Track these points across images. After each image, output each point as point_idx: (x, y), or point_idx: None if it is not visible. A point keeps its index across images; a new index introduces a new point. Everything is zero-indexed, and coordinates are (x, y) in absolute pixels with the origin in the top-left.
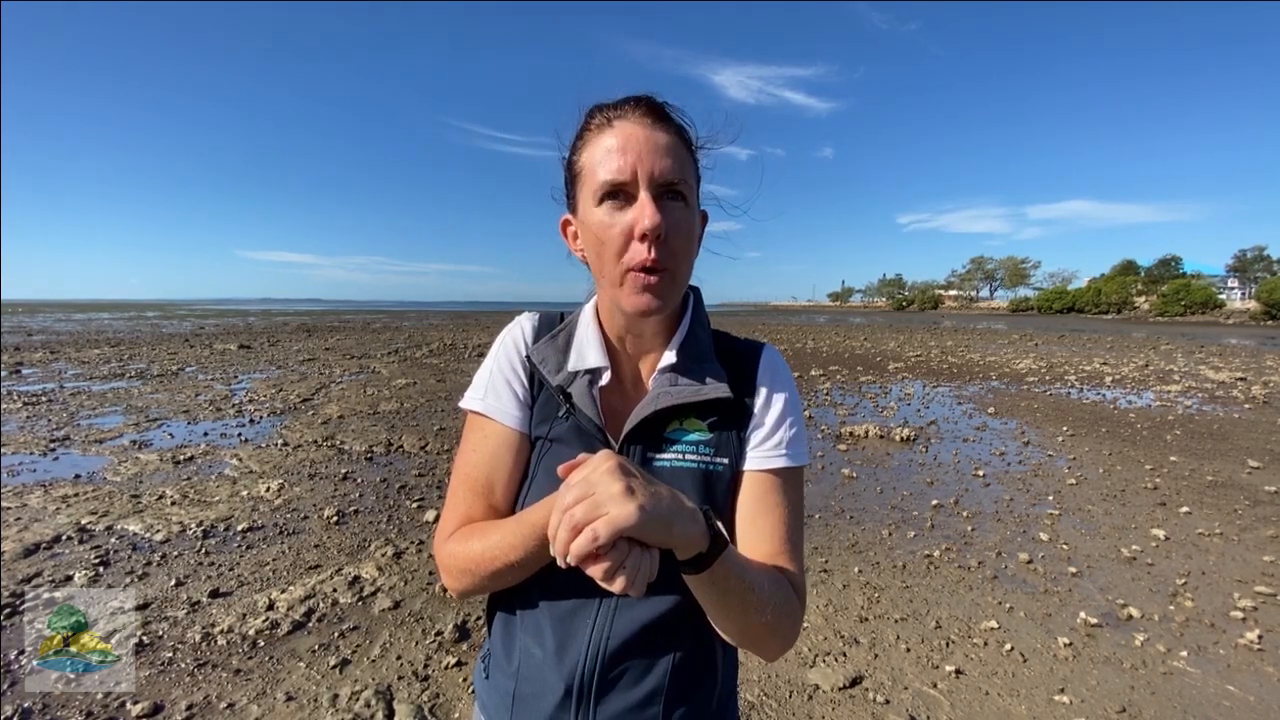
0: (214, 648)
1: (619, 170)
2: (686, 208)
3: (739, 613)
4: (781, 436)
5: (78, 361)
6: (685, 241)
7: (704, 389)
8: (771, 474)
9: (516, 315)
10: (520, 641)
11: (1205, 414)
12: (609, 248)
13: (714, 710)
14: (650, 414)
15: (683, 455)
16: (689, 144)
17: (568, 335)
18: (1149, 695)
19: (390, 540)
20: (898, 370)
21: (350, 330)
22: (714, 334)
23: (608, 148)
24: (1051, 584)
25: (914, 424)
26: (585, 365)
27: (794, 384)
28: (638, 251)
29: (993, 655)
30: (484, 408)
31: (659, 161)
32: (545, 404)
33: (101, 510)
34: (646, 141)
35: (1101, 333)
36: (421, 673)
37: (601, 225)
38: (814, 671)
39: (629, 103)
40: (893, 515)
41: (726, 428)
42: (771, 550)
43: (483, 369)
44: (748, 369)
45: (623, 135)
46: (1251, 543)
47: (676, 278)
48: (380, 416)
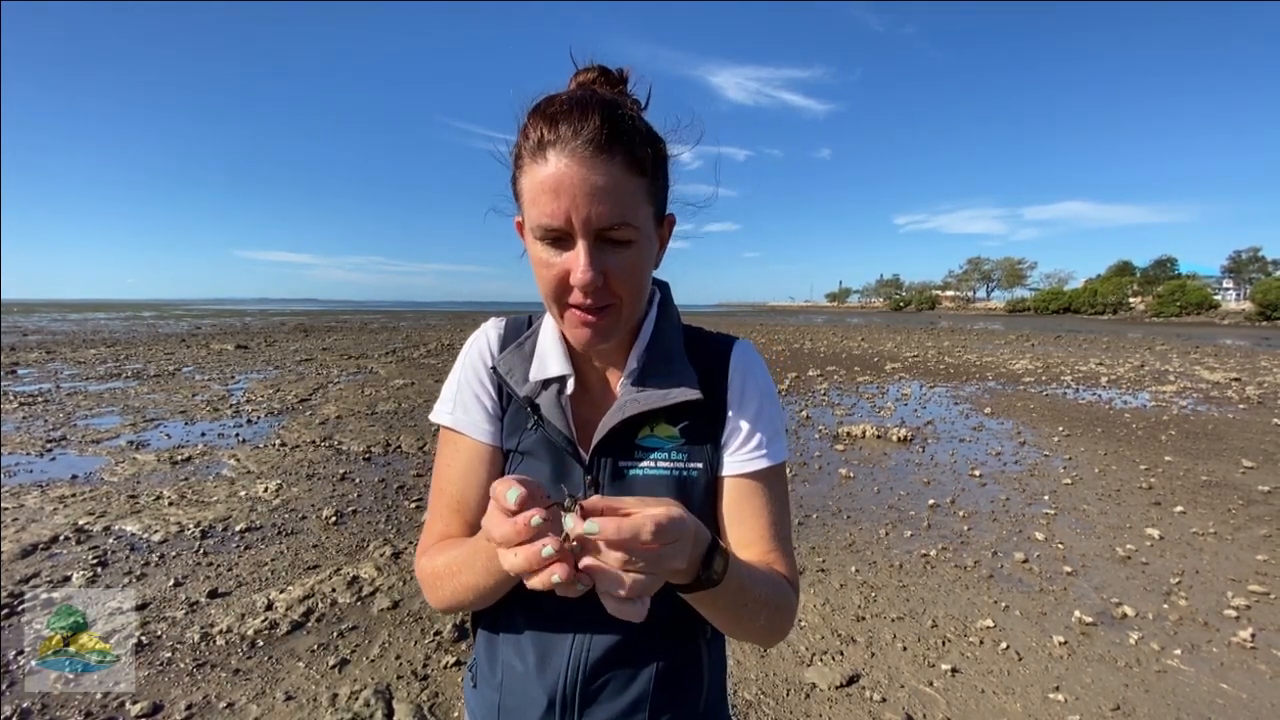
0: (213, 648)
1: (553, 215)
2: (631, 248)
3: (735, 619)
4: (759, 438)
5: (74, 362)
6: (631, 277)
7: (672, 393)
8: (752, 477)
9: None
10: (502, 654)
11: (1200, 414)
12: (548, 285)
13: (701, 713)
14: (618, 423)
15: (655, 463)
16: (642, 164)
17: (533, 343)
18: (1143, 693)
19: (389, 540)
20: (895, 370)
21: (348, 330)
22: (685, 330)
23: (541, 184)
24: (1047, 583)
25: (911, 424)
26: (547, 374)
27: (769, 378)
28: (574, 295)
29: (988, 654)
30: (453, 422)
31: (596, 207)
32: (516, 414)
33: (99, 511)
34: (583, 184)
35: (1097, 333)
36: (420, 672)
37: (540, 262)
38: (811, 670)
39: (568, 121)
40: (890, 515)
41: (699, 431)
42: (762, 550)
43: (450, 380)
44: (719, 368)
45: (557, 174)
46: (1245, 542)
47: (622, 311)
48: (378, 417)
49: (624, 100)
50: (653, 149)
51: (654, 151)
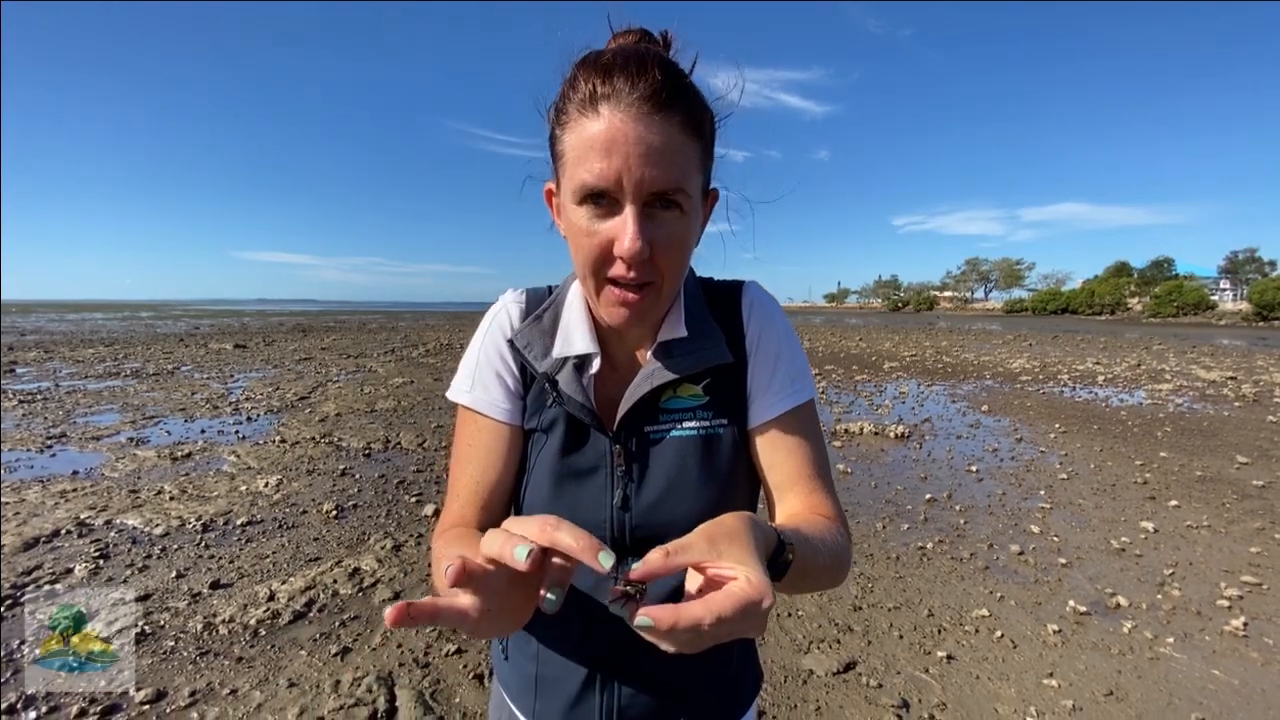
0: (216, 637)
1: (601, 175)
2: (682, 216)
3: (796, 591)
4: (784, 378)
5: (72, 361)
6: (677, 253)
7: (704, 356)
8: (782, 418)
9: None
10: (538, 629)
11: (1196, 412)
12: (586, 256)
13: (733, 672)
14: (646, 392)
15: (680, 424)
16: (700, 127)
17: (554, 316)
18: (1135, 679)
19: (389, 534)
20: (893, 369)
21: (346, 330)
22: (699, 283)
23: (590, 141)
24: (1042, 574)
25: (908, 421)
26: (573, 351)
27: (784, 316)
28: (617, 267)
29: (984, 642)
30: (471, 401)
31: (650, 169)
32: (539, 393)
33: (100, 505)
34: (638, 142)
35: (1095, 333)
36: (422, 660)
37: (580, 230)
38: (808, 657)
39: (625, 73)
40: (886, 509)
41: (723, 385)
42: (804, 491)
43: (468, 356)
44: (733, 317)
45: (609, 130)
46: (1239, 535)
47: (663, 291)
48: (378, 414)
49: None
50: (709, 114)
51: (710, 117)
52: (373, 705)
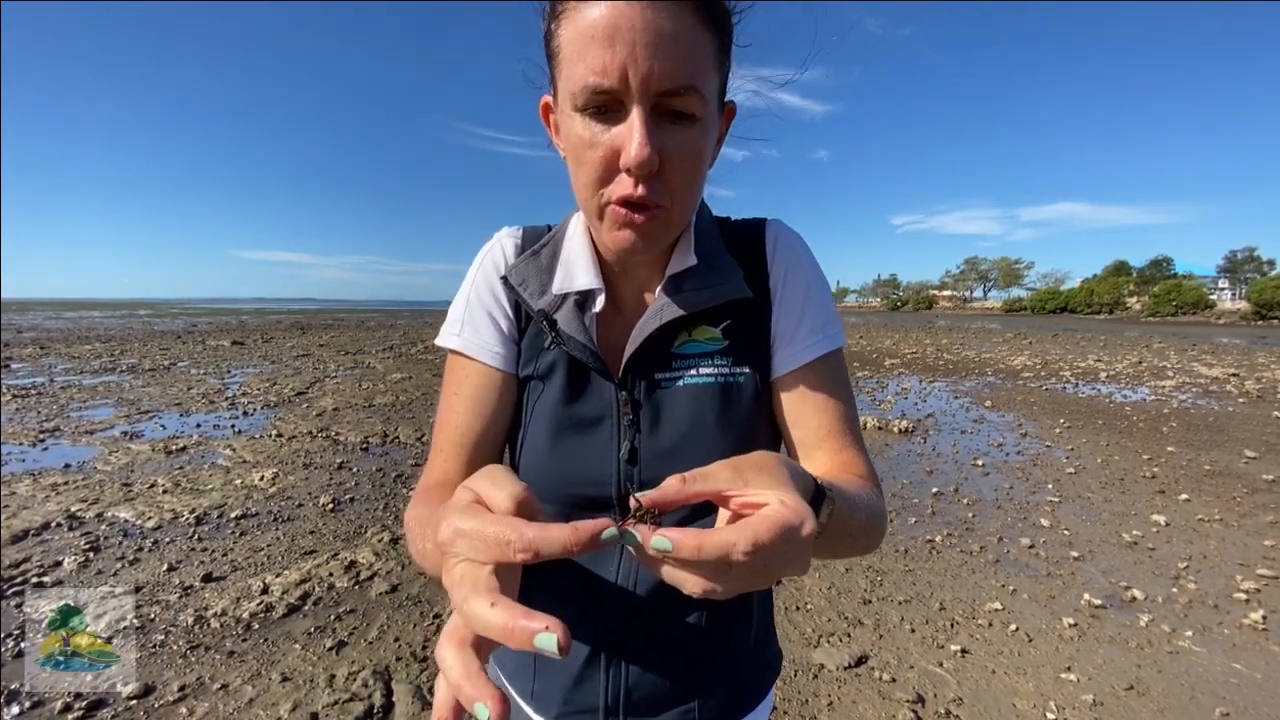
0: (207, 630)
1: (603, 71)
2: (695, 124)
3: (832, 553)
4: (811, 323)
5: (68, 357)
6: (689, 169)
7: (719, 290)
8: (810, 368)
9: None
10: (538, 602)
11: (1200, 407)
12: (586, 172)
13: (750, 648)
14: (655, 330)
15: (696, 369)
16: (717, 15)
17: (553, 251)
18: (1156, 673)
19: (387, 527)
20: (894, 366)
21: (344, 328)
22: (715, 221)
23: (591, 29)
24: (1054, 568)
25: (912, 416)
26: (574, 287)
27: (812, 256)
28: (622, 184)
29: (998, 635)
30: (461, 344)
31: (661, 61)
32: (535, 336)
33: (92, 498)
34: (645, 29)
35: (1094, 332)
36: (419, 654)
37: (579, 142)
38: (819, 651)
39: None
40: (893, 503)
41: (744, 329)
42: (834, 448)
43: (459, 298)
44: (755, 256)
45: (612, 15)
46: (1251, 528)
47: (673, 215)
48: (375, 409)
49: None
50: (723, 13)
51: (723, 16)
52: (369, 700)
